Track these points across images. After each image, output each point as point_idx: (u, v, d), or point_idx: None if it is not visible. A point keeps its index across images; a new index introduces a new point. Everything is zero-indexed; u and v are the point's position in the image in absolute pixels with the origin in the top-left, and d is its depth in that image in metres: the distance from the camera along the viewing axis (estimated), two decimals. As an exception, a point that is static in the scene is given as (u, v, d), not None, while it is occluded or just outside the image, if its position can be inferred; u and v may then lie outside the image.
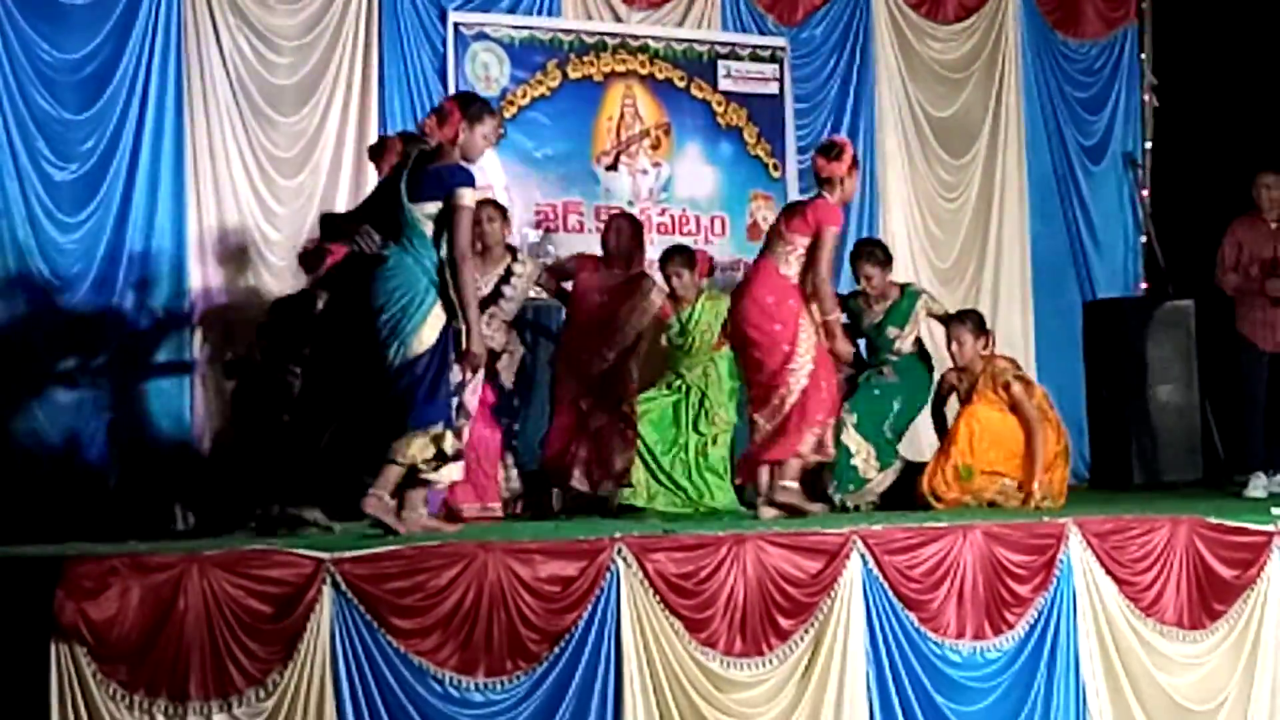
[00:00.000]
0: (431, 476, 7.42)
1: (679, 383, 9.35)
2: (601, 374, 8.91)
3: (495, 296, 8.79)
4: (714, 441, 9.33)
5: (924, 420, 9.54)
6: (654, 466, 9.19)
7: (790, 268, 8.38)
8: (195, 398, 9.17)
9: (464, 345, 7.30)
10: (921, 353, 9.46)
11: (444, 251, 7.26)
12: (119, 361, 8.97)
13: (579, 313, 9.08)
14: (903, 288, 9.50)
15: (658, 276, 9.25)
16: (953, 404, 9.40)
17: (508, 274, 8.85)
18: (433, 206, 7.24)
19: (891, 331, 9.38)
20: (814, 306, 8.43)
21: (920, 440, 9.99)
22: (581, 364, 8.97)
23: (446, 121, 7.40)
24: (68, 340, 8.86)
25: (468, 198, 7.25)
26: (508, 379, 8.95)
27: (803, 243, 8.34)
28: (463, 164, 7.31)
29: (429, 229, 7.27)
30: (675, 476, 9.24)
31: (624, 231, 9.08)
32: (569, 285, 9.18)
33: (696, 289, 9.36)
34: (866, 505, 9.28)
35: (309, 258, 8.12)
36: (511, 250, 8.99)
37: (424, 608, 6.44)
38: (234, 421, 8.59)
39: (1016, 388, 9.14)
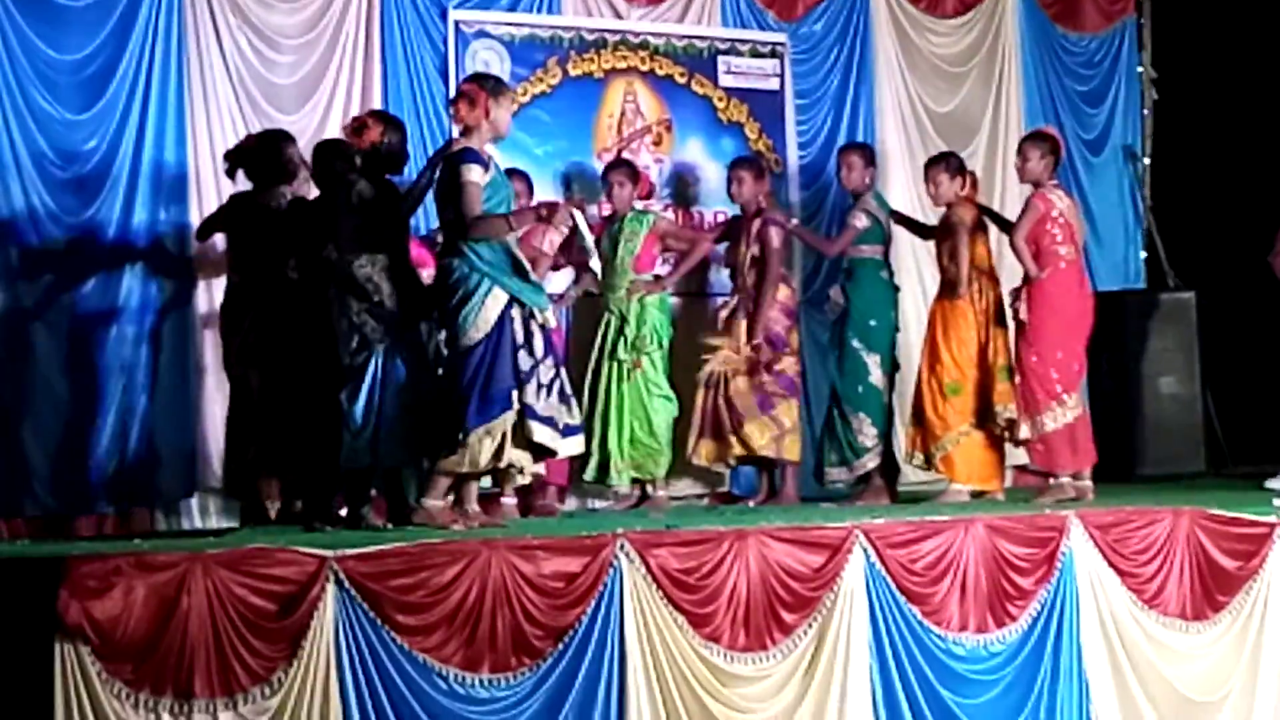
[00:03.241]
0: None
1: (606, 315, 9.57)
2: None
3: None
4: (628, 376, 9.42)
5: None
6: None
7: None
8: (202, 399, 9.17)
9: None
10: None
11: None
12: (122, 363, 8.97)
13: None
14: None
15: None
16: None
17: None
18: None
19: None
20: None
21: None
22: None
23: (476, 103, 7.71)
24: (70, 341, 8.87)
25: (475, 173, 7.56)
26: None
27: None
28: (470, 147, 7.65)
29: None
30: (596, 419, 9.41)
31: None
32: None
33: (630, 205, 9.64)
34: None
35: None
36: None
37: (428, 604, 6.46)
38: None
39: None
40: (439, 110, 9.83)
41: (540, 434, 7.56)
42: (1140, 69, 12.33)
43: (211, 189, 9.24)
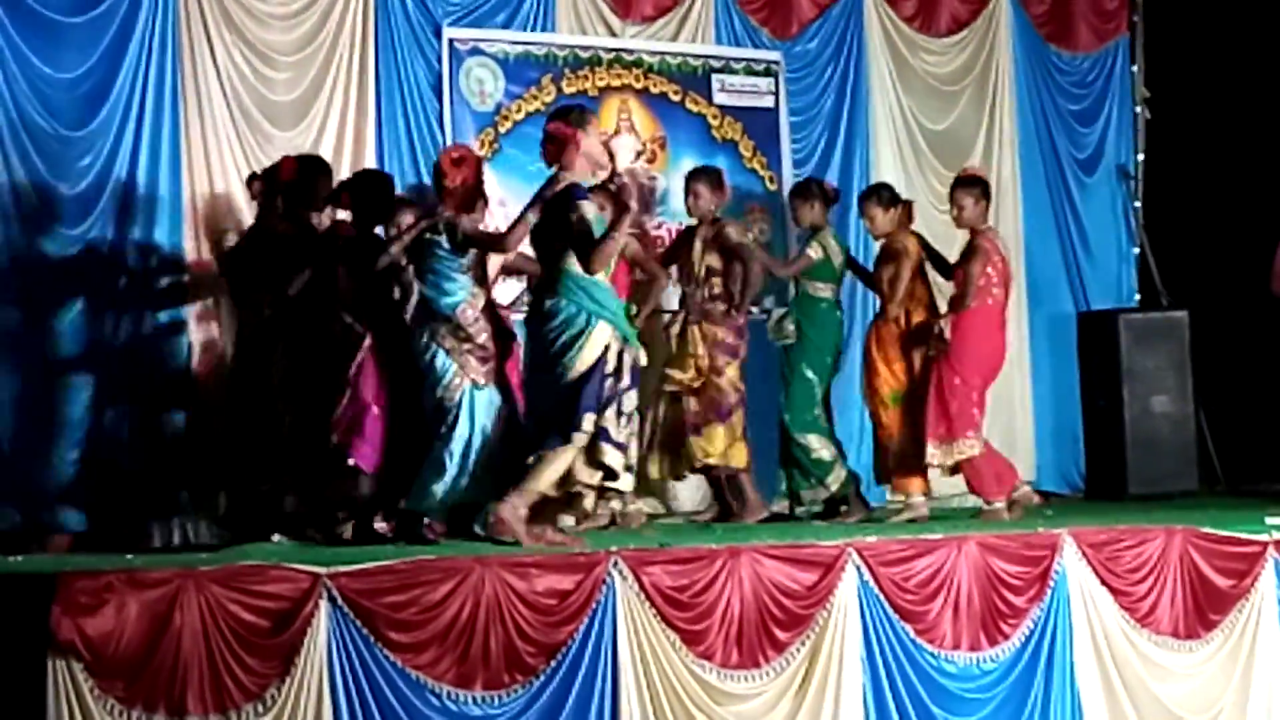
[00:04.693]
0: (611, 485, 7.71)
1: None
2: None
3: None
4: None
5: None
6: None
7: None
8: (194, 418, 9.16)
9: None
10: None
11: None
12: (114, 381, 8.96)
13: None
14: None
15: None
16: None
17: None
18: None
19: None
20: None
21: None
22: None
23: (568, 143, 7.73)
24: (61, 358, 8.86)
25: (589, 209, 7.60)
26: None
27: None
28: (578, 184, 7.67)
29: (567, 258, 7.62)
30: None
31: None
32: None
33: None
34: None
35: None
36: None
37: (421, 622, 6.46)
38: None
39: None
40: (433, 127, 9.85)
41: (611, 457, 7.55)
42: (1133, 88, 12.36)
43: (207, 206, 9.25)
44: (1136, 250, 12.28)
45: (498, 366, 7.98)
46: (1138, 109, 12.34)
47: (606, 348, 7.60)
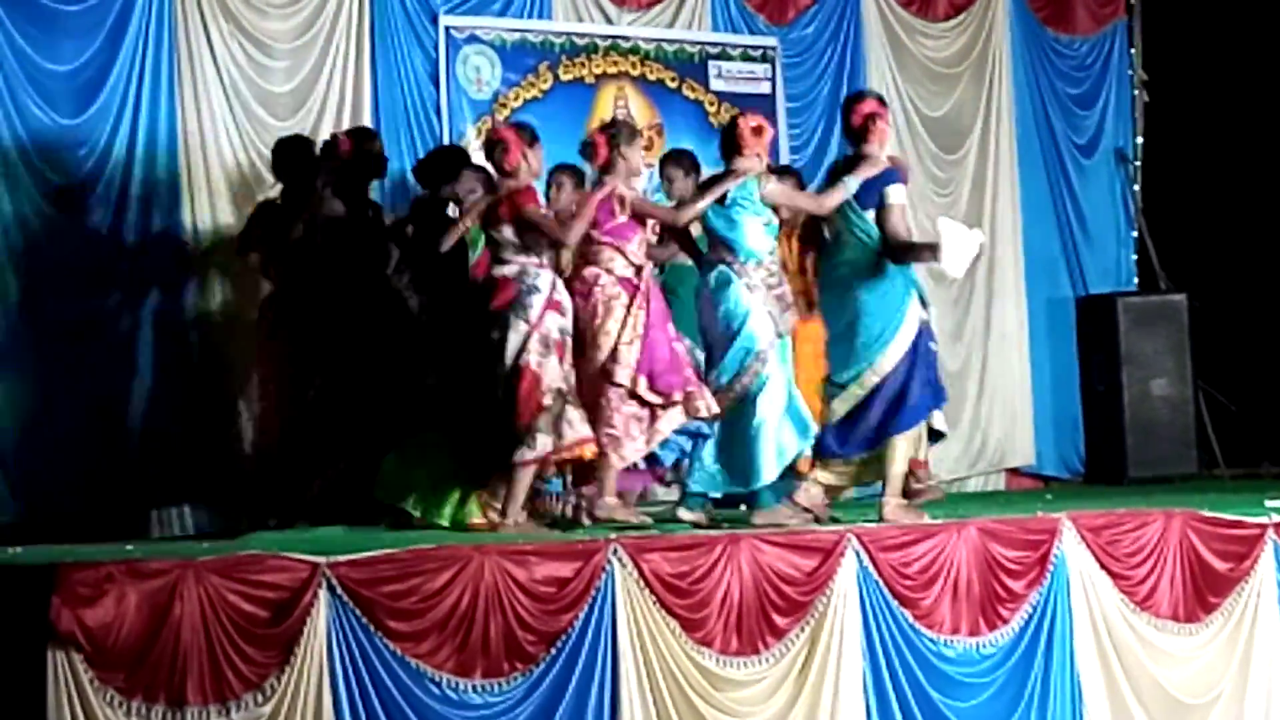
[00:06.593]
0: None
1: None
2: None
3: None
4: None
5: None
6: None
7: None
8: (196, 404, 9.15)
9: None
10: None
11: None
12: (115, 369, 8.97)
13: None
14: None
15: None
16: None
17: None
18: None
19: None
20: None
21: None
22: None
23: (879, 121, 7.93)
24: (64, 348, 8.86)
25: (900, 194, 7.82)
26: None
27: None
28: (895, 168, 7.93)
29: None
30: None
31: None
32: None
33: None
34: None
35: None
36: None
37: (420, 610, 6.46)
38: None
39: None
40: (430, 115, 9.86)
41: (938, 421, 8.04)
42: (1131, 71, 12.36)
43: (204, 195, 9.25)
44: (1135, 234, 12.29)
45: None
46: (1136, 92, 12.35)
47: (922, 323, 7.84)
